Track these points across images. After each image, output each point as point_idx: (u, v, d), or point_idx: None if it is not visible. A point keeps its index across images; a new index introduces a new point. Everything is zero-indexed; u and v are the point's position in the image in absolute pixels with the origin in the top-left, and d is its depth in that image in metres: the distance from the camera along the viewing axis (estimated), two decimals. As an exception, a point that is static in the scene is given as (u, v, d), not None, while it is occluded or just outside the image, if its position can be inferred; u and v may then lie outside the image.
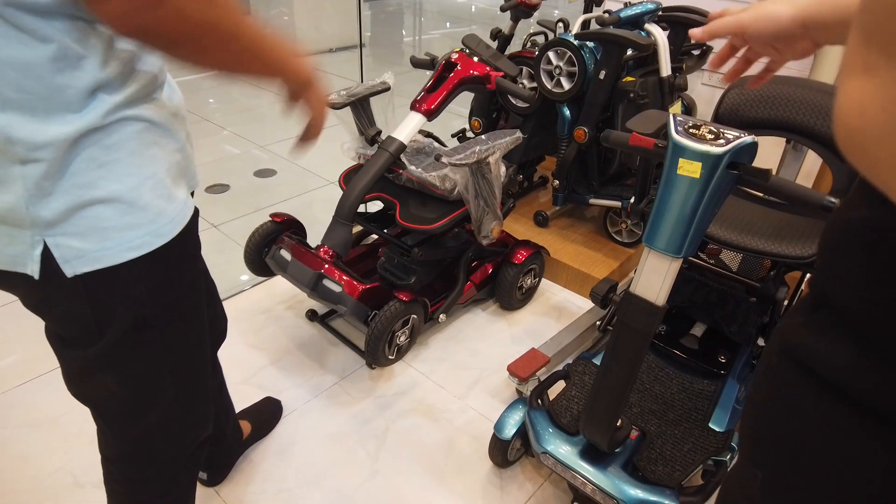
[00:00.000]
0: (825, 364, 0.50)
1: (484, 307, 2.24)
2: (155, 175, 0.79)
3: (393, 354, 1.80)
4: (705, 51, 2.58)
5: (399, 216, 1.83)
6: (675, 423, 1.52)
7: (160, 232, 0.80)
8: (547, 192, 2.79)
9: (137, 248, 0.78)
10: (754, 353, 1.77)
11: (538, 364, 1.76)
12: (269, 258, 1.86)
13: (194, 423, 1.07)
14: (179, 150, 0.85)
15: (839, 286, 0.51)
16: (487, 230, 1.87)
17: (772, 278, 1.72)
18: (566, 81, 2.18)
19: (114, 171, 0.74)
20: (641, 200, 1.66)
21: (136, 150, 0.76)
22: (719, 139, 0.98)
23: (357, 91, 1.93)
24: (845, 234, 0.49)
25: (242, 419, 1.63)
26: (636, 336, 1.14)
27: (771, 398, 0.58)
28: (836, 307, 0.51)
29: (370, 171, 1.78)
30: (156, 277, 0.83)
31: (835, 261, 0.52)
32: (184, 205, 0.85)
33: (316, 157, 3.33)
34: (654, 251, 1.07)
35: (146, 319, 0.85)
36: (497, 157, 1.75)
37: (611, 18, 2.08)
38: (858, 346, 0.48)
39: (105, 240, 0.75)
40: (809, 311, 0.54)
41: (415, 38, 6.89)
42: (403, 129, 1.83)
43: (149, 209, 0.78)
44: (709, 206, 1.01)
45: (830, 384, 0.50)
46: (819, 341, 0.51)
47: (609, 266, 2.30)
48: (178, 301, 0.91)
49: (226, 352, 1.28)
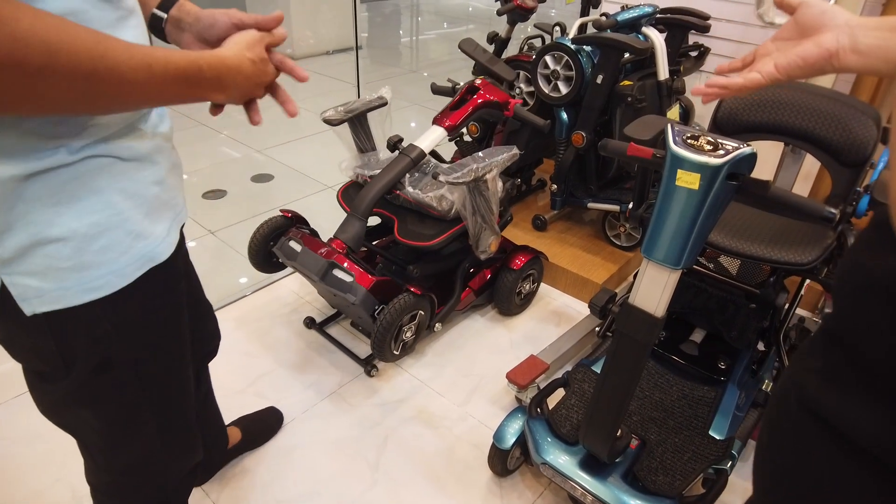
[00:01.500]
0: (845, 421, 0.48)
1: (482, 312, 2.23)
2: (122, 212, 0.74)
3: (398, 350, 1.80)
4: (703, 52, 2.57)
5: (397, 232, 1.85)
6: (676, 431, 1.51)
7: (124, 272, 0.76)
8: (545, 196, 2.78)
9: (98, 289, 0.74)
10: (754, 359, 1.77)
11: (537, 371, 1.76)
12: (277, 248, 1.86)
13: (180, 454, 1.05)
14: (158, 182, 0.79)
15: (863, 337, 0.48)
16: (485, 245, 1.90)
17: (771, 284, 1.71)
18: (563, 85, 2.17)
19: (73, 209, 0.69)
20: (640, 206, 1.66)
21: (100, 187, 0.71)
22: (718, 150, 0.97)
23: (354, 107, 1.93)
24: (868, 284, 0.47)
25: (234, 426, 1.63)
26: (635, 347, 1.13)
27: (789, 450, 0.56)
28: (860, 360, 0.49)
29: (390, 173, 1.82)
30: (124, 316, 0.79)
31: (857, 310, 0.49)
32: (160, 241, 0.80)
33: (313, 161, 3.32)
34: (652, 262, 1.07)
35: (116, 358, 0.81)
36: (494, 175, 1.76)
37: (608, 22, 2.07)
38: (887, 407, 0.46)
39: (63, 280, 0.71)
40: (824, 354, 0.52)
41: (412, 39, 6.88)
42: (425, 139, 1.90)
43: (112, 248, 0.74)
44: (708, 217, 1.00)
45: (851, 441, 0.48)
46: (838, 394, 0.49)
47: (608, 270, 2.30)
48: (152, 338, 0.86)
49: (223, 360, 1.27)
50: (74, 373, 0.80)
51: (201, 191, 2.94)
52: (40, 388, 0.87)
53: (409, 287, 1.75)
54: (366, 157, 2.01)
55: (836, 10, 0.70)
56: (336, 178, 3.08)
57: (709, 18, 2.44)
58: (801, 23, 0.73)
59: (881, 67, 0.63)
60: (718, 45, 2.71)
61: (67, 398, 0.85)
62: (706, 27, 2.34)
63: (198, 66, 0.70)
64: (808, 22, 0.71)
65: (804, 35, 0.72)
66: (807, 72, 0.70)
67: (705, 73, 2.83)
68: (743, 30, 2.66)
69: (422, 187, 1.88)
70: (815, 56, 0.68)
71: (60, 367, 0.79)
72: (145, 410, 0.92)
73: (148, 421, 0.93)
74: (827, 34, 0.68)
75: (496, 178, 1.79)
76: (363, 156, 2.01)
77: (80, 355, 0.79)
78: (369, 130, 1.99)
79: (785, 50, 0.72)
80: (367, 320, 1.76)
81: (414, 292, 1.74)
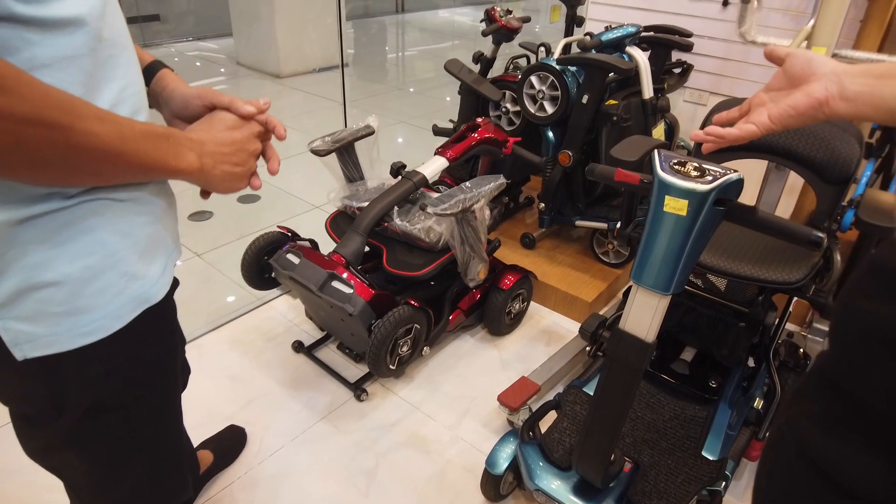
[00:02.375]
0: (845, 474, 0.48)
1: (472, 333, 2.22)
2: (116, 253, 0.72)
3: (394, 364, 1.79)
4: (686, 69, 2.60)
5: (386, 262, 1.86)
6: (669, 453, 1.50)
7: (119, 314, 0.74)
8: (533, 213, 2.79)
9: (91, 333, 0.72)
10: (744, 376, 1.77)
11: (528, 393, 1.75)
12: (274, 260, 1.85)
13: (170, 495, 1.02)
14: (153, 221, 0.78)
15: (862, 384, 0.48)
16: (474, 273, 1.92)
17: (760, 302, 1.71)
18: (549, 105, 2.18)
19: (67, 252, 0.68)
20: (628, 225, 1.66)
21: (94, 228, 0.70)
22: (705, 176, 0.98)
23: (341, 137, 1.94)
24: (872, 330, 0.46)
25: (204, 449, 1.61)
26: (627, 372, 1.13)
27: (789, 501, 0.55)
28: (858, 408, 0.48)
29: (392, 193, 1.86)
30: (117, 359, 0.78)
31: (858, 355, 0.49)
32: (154, 282, 0.79)
33: (300, 181, 3.31)
34: (642, 288, 1.06)
35: (107, 401, 0.80)
36: (482, 205, 1.78)
37: (592, 42, 2.09)
38: (880, 453, 0.45)
39: (56, 325, 0.70)
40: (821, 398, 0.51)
41: (398, 56, 6.91)
42: (428, 166, 1.95)
43: (106, 291, 0.72)
44: (696, 242, 1.00)
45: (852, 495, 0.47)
46: (838, 445, 0.48)
47: (597, 288, 2.30)
48: (145, 380, 0.85)
49: (212, 385, 1.25)
50: (64, 417, 0.78)
51: (187, 212, 2.91)
52: (27, 433, 0.84)
53: (408, 300, 1.76)
54: (354, 187, 2.02)
55: (823, 59, 0.72)
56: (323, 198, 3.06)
57: (691, 36, 2.47)
58: (790, 73, 0.75)
59: (870, 113, 0.65)
60: (701, 61, 2.74)
61: (56, 442, 0.83)
62: (689, 45, 2.37)
63: (166, 129, 0.72)
64: (796, 72, 0.73)
65: (793, 84, 0.74)
66: (799, 120, 0.72)
67: (689, 88, 2.86)
68: (725, 47, 2.70)
69: (410, 218, 1.90)
70: (805, 105, 0.70)
71: (50, 411, 0.77)
72: (135, 452, 0.90)
73: (138, 463, 0.91)
74: (815, 83, 0.70)
75: (484, 208, 1.81)
76: (351, 185, 2.02)
77: (71, 399, 0.77)
78: (357, 160, 2.01)
79: (777, 100, 0.74)
80: (361, 335, 1.75)
81: (412, 304, 1.75)
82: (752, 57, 2.64)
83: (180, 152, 0.73)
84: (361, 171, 2.03)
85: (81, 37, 0.64)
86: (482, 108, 2.47)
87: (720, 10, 2.66)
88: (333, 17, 5.24)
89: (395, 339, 1.74)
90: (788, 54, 0.75)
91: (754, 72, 2.66)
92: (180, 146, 0.73)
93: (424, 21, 8.40)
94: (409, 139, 4.21)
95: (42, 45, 0.60)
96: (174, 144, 0.72)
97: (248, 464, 1.68)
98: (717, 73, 2.77)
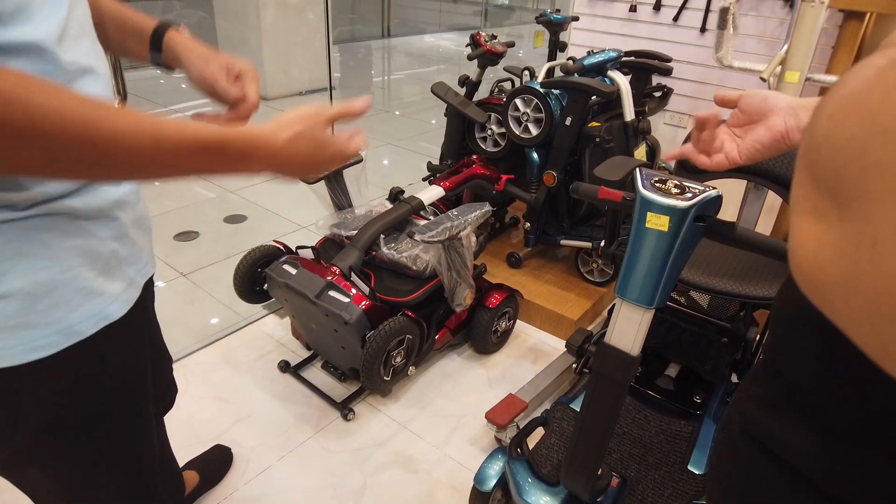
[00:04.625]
0: (781, 446, 0.51)
1: (459, 351, 2.23)
2: (70, 269, 0.70)
3: (388, 375, 1.81)
4: (666, 92, 2.67)
5: (374, 288, 1.88)
6: (655, 468, 1.52)
7: (73, 330, 0.72)
8: (519, 233, 2.82)
9: (41, 348, 0.70)
10: (728, 391, 1.79)
11: (516, 410, 1.75)
12: (270, 270, 1.87)
13: None
14: (117, 238, 0.76)
15: (792, 364, 0.51)
16: (461, 299, 1.95)
17: (741, 318, 1.75)
18: (534, 127, 2.23)
19: (18, 266, 0.66)
20: (612, 243, 1.69)
21: (48, 243, 0.68)
22: (685, 193, 1.01)
23: None
24: (798, 314, 0.50)
25: (190, 469, 1.60)
26: (613, 386, 1.15)
27: (734, 474, 0.59)
28: (790, 385, 0.52)
29: (391, 214, 1.94)
30: (75, 376, 0.75)
31: (787, 338, 0.52)
32: (114, 298, 0.77)
33: (287, 201, 3.32)
34: (626, 302, 1.09)
35: (67, 419, 0.78)
36: (468, 232, 1.82)
37: (574, 66, 2.15)
38: (812, 428, 0.49)
39: (5, 339, 0.68)
40: (764, 382, 0.55)
41: (384, 79, 6.99)
42: (426, 193, 2.08)
43: (60, 307, 0.70)
44: (678, 257, 1.03)
45: (789, 466, 0.51)
46: (775, 421, 0.52)
47: (582, 306, 2.32)
48: (108, 396, 0.82)
49: (198, 406, 1.24)
50: (19, 434, 0.75)
51: (173, 232, 2.91)
52: None
53: (406, 311, 1.80)
54: (342, 215, 2.06)
55: (777, 94, 0.77)
56: (310, 218, 3.08)
57: (671, 61, 2.55)
58: (748, 111, 0.80)
59: None
60: (681, 85, 2.82)
61: (16, 458, 0.80)
62: (668, 70, 2.44)
63: (220, 139, 0.64)
64: (753, 109, 0.78)
65: (752, 121, 0.79)
66: (765, 154, 0.77)
67: (669, 111, 2.94)
68: (703, 71, 2.79)
69: (397, 246, 1.93)
70: (768, 139, 0.75)
71: (4, 426, 0.75)
72: (103, 472, 0.87)
73: (107, 483, 0.89)
74: (774, 118, 0.75)
75: (470, 234, 1.86)
76: (340, 213, 2.06)
77: (27, 415, 0.74)
78: (345, 187, 2.06)
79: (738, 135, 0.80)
80: (353, 347, 1.77)
81: (407, 315, 1.78)
82: (729, 81, 2.72)
83: (240, 165, 0.67)
84: (350, 199, 2.07)
85: (36, 63, 0.62)
86: (468, 130, 2.51)
87: (698, 35, 2.75)
88: (320, 41, 5.31)
89: (388, 351, 1.76)
90: (741, 95, 0.80)
91: (732, 95, 2.74)
92: (241, 160, 0.67)
93: (410, 46, 8.52)
94: (396, 160, 4.25)
95: None
96: (232, 159, 0.66)
97: (234, 484, 1.66)
98: (696, 97, 2.85)
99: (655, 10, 2.81)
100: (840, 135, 0.36)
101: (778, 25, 2.53)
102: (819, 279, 0.38)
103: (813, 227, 0.39)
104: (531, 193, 2.31)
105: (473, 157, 2.29)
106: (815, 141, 0.39)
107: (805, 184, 0.40)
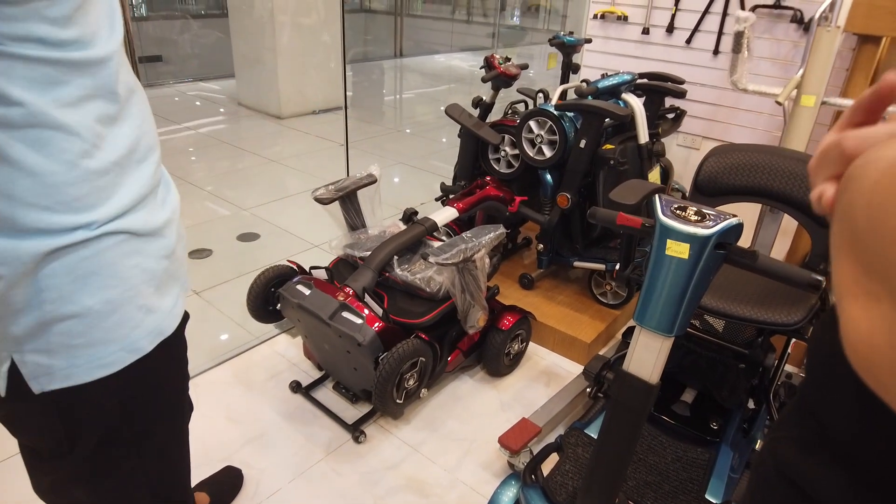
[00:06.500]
0: (817, 492, 0.51)
1: (472, 374, 2.21)
2: (133, 287, 0.74)
3: (401, 398, 1.79)
4: (679, 114, 2.67)
5: (387, 309, 1.88)
6: (672, 496, 1.49)
7: (135, 347, 0.76)
8: (531, 253, 2.81)
9: (109, 365, 0.73)
10: (745, 418, 1.76)
11: (529, 435, 1.73)
12: (283, 290, 1.87)
13: None
14: (167, 255, 0.80)
15: (829, 409, 0.51)
16: (474, 321, 1.94)
17: (759, 343, 1.73)
18: (548, 149, 2.23)
19: (88, 286, 0.69)
20: (626, 267, 1.68)
21: (114, 262, 0.71)
22: (705, 220, 1.00)
23: (345, 185, 2.00)
24: (835, 358, 0.49)
25: (200, 491, 1.59)
26: (631, 414, 1.13)
27: None
28: (824, 427, 0.51)
29: (405, 235, 1.94)
30: (132, 390, 0.79)
31: (825, 382, 0.52)
32: (167, 314, 0.80)
33: (300, 220, 3.33)
34: (645, 329, 1.07)
35: (118, 434, 0.80)
36: (482, 255, 1.82)
37: (588, 89, 2.15)
38: (845, 474, 0.49)
39: (74, 357, 0.71)
40: (800, 423, 0.55)
41: (395, 99, 7.05)
42: (439, 214, 2.09)
43: (124, 324, 0.74)
44: (698, 284, 1.02)
45: None
46: (810, 465, 0.52)
47: (595, 329, 2.30)
48: (156, 414, 0.85)
49: (206, 427, 1.24)
50: (78, 449, 0.78)
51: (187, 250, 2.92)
52: (39, 469, 0.85)
53: (419, 333, 1.79)
54: (356, 235, 2.07)
55: None
56: (323, 237, 3.09)
57: (684, 83, 2.55)
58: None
59: None
60: (694, 107, 2.82)
61: (66, 477, 0.83)
62: (682, 92, 2.44)
63: None
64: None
65: None
66: None
67: (683, 133, 2.94)
68: (717, 93, 2.79)
69: (411, 268, 1.93)
70: None
71: (64, 443, 0.77)
72: (142, 485, 0.89)
73: (144, 496, 0.90)
74: None
75: (484, 256, 1.85)
76: (353, 234, 2.07)
77: (84, 432, 0.77)
78: (359, 208, 2.07)
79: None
80: (365, 369, 1.76)
81: (421, 338, 1.78)
82: (742, 103, 2.72)
83: None
84: (363, 219, 2.08)
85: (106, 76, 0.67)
86: (481, 152, 2.52)
87: (711, 58, 2.75)
88: (334, 62, 5.38)
89: (401, 374, 1.74)
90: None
91: (745, 117, 2.74)
92: None
93: (422, 66, 8.60)
94: (406, 179, 4.27)
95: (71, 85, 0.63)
96: None
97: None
98: (710, 119, 2.85)
99: (668, 32, 2.82)
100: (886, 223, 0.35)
101: (792, 48, 2.53)
102: (875, 363, 0.38)
103: (865, 312, 0.38)
104: (545, 215, 2.31)
105: (487, 179, 2.30)
106: (857, 228, 0.38)
107: (852, 266, 0.39)
